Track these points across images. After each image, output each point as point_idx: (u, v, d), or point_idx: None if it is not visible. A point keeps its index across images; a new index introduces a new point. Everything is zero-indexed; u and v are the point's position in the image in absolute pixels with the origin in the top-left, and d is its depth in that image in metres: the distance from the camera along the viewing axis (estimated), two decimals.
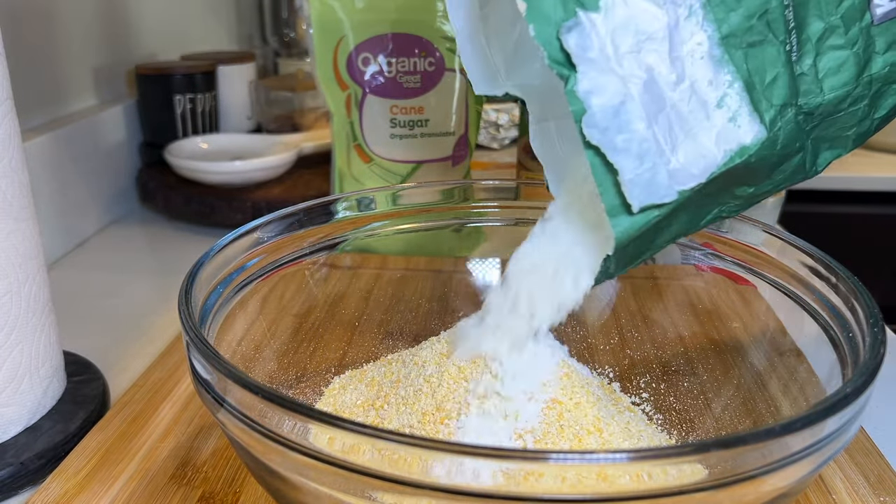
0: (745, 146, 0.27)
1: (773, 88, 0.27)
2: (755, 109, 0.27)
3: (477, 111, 0.64)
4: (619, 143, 0.25)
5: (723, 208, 0.30)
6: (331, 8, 0.57)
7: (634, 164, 0.25)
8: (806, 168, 0.29)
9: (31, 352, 0.38)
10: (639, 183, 0.25)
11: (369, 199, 0.42)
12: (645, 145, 0.25)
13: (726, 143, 0.26)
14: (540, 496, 0.21)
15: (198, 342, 0.26)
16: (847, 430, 0.24)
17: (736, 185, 0.29)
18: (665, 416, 0.38)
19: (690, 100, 0.26)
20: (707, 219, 0.30)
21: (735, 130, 0.26)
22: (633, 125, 0.25)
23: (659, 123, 0.25)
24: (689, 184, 0.26)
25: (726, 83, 0.26)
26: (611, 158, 0.24)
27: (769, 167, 0.28)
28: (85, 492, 0.34)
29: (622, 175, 0.25)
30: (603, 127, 0.24)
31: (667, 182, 0.25)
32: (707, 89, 0.26)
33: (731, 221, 0.38)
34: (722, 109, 0.26)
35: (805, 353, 0.33)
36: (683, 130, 0.26)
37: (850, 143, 0.30)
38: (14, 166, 0.37)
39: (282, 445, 0.23)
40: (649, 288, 0.43)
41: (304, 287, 0.41)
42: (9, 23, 0.63)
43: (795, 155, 0.29)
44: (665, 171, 0.25)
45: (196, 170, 0.74)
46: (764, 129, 0.27)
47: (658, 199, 0.25)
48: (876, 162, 1.20)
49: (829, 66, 0.28)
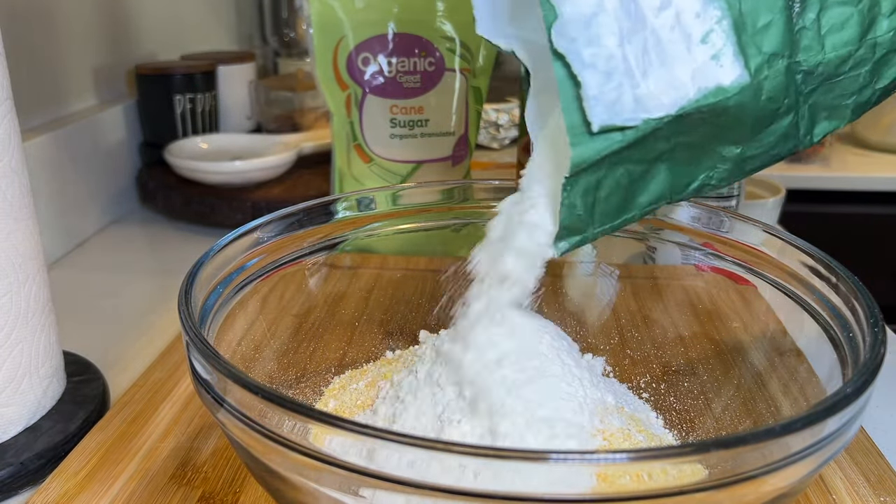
0: (723, 87, 0.25)
1: (764, 34, 0.26)
2: (741, 52, 0.26)
3: (477, 111, 0.64)
4: (587, 56, 0.24)
5: (710, 174, 0.28)
6: (331, 8, 0.57)
7: (600, 81, 0.24)
8: (800, 134, 0.28)
9: (31, 352, 0.38)
10: (602, 101, 0.24)
11: (369, 199, 0.42)
12: (613, 63, 0.24)
13: (703, 80, 0.25)
14: (540, 496, 0.21)
15: (198, 342, 0.26)
16: (847, 431, 0.24)
17: (719, 142, 0.28)
18: (665, 416, 0.38)
19: (673, 29, 0.25)
20: (694, 185, 0.28)
21: (715, 69, 0.25)
22: (603, 40, 0.24)
23: (633, 44, 0.24)
24: (655, 112, 0.25)
25: (714, 18, 0.25)
26: (576, 70, 0.24)
27: (753, 121, 0.27)
28: (85, 492, 0.34)
29: (585, 90, 0.24)
30: (572, 36, 0.23)
31: (632, 105, 0.24)
32: (693, 21, 0.25)
33: (731, 221, 0.38)
34: (705, 45, 0.25)
35: (805, 353, 0.33)
36: (659, 57, 0.25)
37: (848, 114, 0.29)
38: (14, 166, 0.37)
39: (282, 445, 0.23)
40: (649, 288, 0.43)
41: (304, 287, 0.41)
42: (9, 23, 0.63)
43: (786, 115, 0.27)
44: (632, 93, 0.24)
45: (196, 170, 0.74)
46: (747, 75, 0.26)
47: (620, 120, 0.24)
48: (876, 162, 1.20)
49: (833, 22, 0.27)
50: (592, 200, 0.27)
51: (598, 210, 0.27)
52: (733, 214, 0.38)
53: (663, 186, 0.28)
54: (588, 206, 0.27)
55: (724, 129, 0.27)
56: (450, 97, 0.61)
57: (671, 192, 0.28)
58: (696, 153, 0.28)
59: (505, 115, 1.03)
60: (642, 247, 0.42)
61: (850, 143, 1.26)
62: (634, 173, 0.27)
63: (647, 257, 0.43)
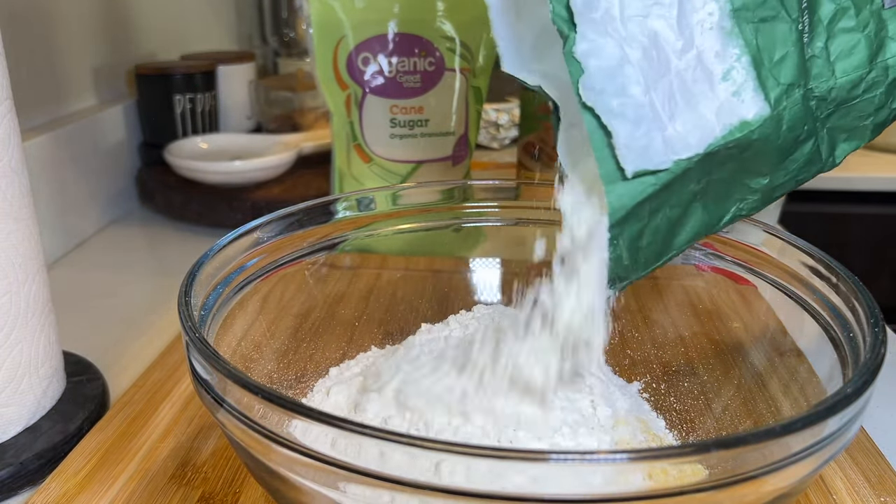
0: (747, 121, 0.26)
1: (781, 67, 0.27)
2: (760, 86, 0.26)
3: (477, 111, 0.64)
4: (615, 106, 0.24)
5: (741, 205, 0.29)
6: (331, 8, 0.57)
7: (630, 129, 0.24)
8: (822, 157, 0.29)
9: (30, 352, 0.38)
10: (633, 148, 0.25)
11: (369, 199, 0.42)
12: (641, 111, 0.25)
13: (727, 117, 0.26)
14: (540, 496, 0.21)
15: (197, 342, 0.26)
16: (848, 431, 0.24)
17: (747, 174, 0.28)
18: (665, 417, 0.38)
19: (696, 69, 0.26)
20: (726, 218, 0.29)
21: (738, 105, 0.26)
22: (629, 89, 0.24)
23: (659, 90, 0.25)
24: (684, 153, 0.25)
25: (734, 56, 0.26)
26: (605, 121, 0.24)
27: (777, 151, 0.28)
28: (85, 492, 0.34)
29: (616, 139, 0.24)
30: (599, 89, 0.24)
31: (662, 149, 0.25)
32: (713, 61, 0.26)
33: None
34: (727, 83, 0.26)
35: (805, 354, 0.33)
36: (684, 99, 0.25)
37: (868, 134, 0.29)
38: (14, 166, 0.37)
39: (282, 445, 0.23)
40: (649, 288, 0.43)
41: (304, 287, 0.41)
42: (9, 23, 0.63)
43: (806, 141, 0.28)
44: (661, 137, 0.25)
45: (196, 170, 0.74)
46: (767, 107, 0.26)
47: (653, 165, 0.25)
48: (876, 162, 1.20)
49: (841, 48, 0.27)
50: (636, 250, 0.28)
51: (642, 258, 0.28)
52: None
53: (699, 225, 0.29)
54: (633, 256, 0.28)
55: (750, 163, 0.28)
56: (450, 97, 0.61)
57: (706, 228, 0.29)
58: (727, 189, 0.28)
59: (505, 115, 1.03)
60: None
61: None
62: (672, 218, 0.27)
63: None
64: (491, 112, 1.02)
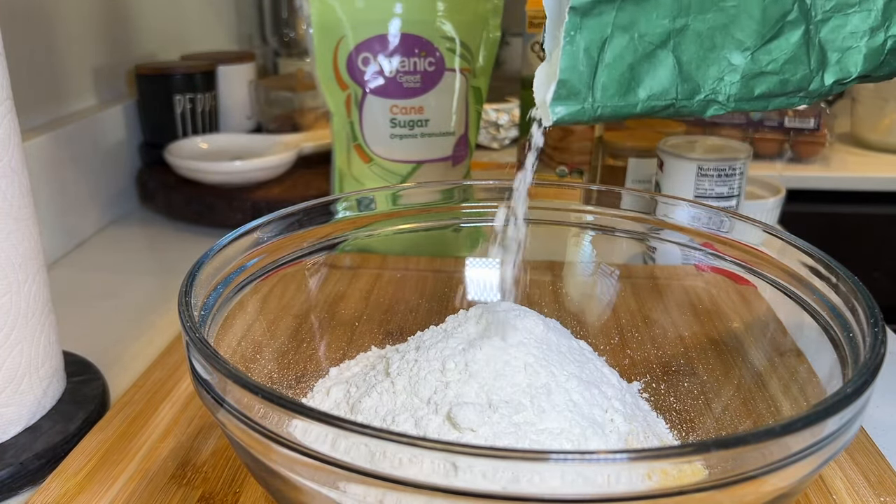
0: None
1: None
2: None
3: (477, 111, 0.64)
4: None
5: (719, 85, 0.28)
6: (331, 8, 0.57)
7: None
8: (810, 65, 0.28)
9: (31, 352, 0.38)
10: None
11: (369, 199, 0.42)
12: None
13: None
14: (540, 496, 0.21)
15: (198, 342, 0.26)
16: (847, 431, 0.24)
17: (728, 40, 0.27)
18: (665, 417, 0.38)
19: None
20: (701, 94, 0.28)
21: None
22: None
23: None
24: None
25: None
26: None
27: (762, 15, 0.27)
28: (85, 492, 0.34)
29: None
30: None
31: None
32: None
33: (731, 221, 0.38)
34: None
35: (805, 353, 0.33)
36: None
37: (860, 61, 0.29)
38: (14, 166, 0.37)
39: (282, 445, 0.23)
40: (649, 288, 0.43)
41: (304, 287, 0.41)
42: (9, 23, 0.63)
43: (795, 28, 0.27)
44: None
45: (196, 170, 0.74)
46: None
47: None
48: (876, 162, 1.19)
49: None
50: (595, 62, 0.26)
51: (601, 77, 0.27)
52: (733, 214, 0.38)
53: (669, 80, 0.27)
54: (591, 64, 0.26)
55: (732, 22, 0.27)
56: (450, 97, 0.61)
57: (677, 90, 0.28)
58: (705, 52, 0.27)
59: (505, 115, 1.03)
60: (642, 247, 0.42)
61: (850, 143, 1.26)
62: (639, 51, 0.26)
63: (647, 257, 0.43)
64: (491, 112, 1.02)
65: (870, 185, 1.16)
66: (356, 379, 0.36)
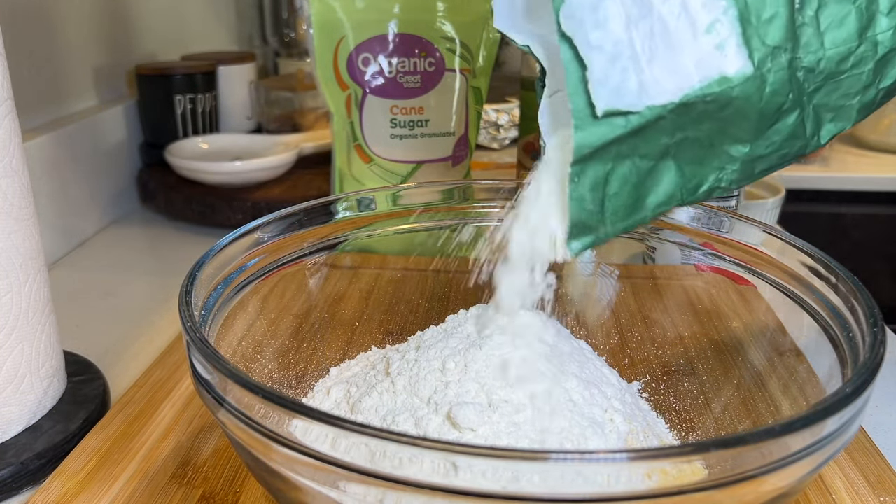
0: (727, 77, 0.25)
1: (768, 27, 0.26)
2: (745, 43, 0.26)
3: (477, 111, 0.65)
4: (593, 38, 0.24)
5: (720, 175, 0.28)
6: (331, 8, 0.57)
7: (605, 64, 0.24)
8: (807, 134, 0.28)
9: (31, 352, 0.38)
10: (607, 84, 0.24)
11: (369, 199, 0.42)
12: (619, 48, 0.24)
13: (707, 69, 0.25)
14: (540, 496, 0.21)
15: (198, 342, 0.26)
16: (847, 430, 0.24)
17: (727, 139, 0.28)
18: (665, 417, 0.38)
19: (679, 17, 0.25)
20: (704, 186, 0.28)
21: (720, 58, 0.25)
22: (610, 23, 0.24)
23: (639, 30, 0.25)
24: (659, 99, 0.25)
25: (721, 9, 0.25)
26: (582, 53, 0.24)
27: (758, 116, 0.27)
28: (85, 492, 0.34)
29: (591, 72, 0.24)
30: (579, 18, 0.24)
31: (636, 91, 0.25)
32: (699, 10, 0.25)
33: (731, 221, 0.38)
34: (710, 35, 0.25)
35: (805, 353, 0.33)
36: (664, 44, 0.25)
37: (854, 114, 0.29)
38: (14, 166, 0.37)
39: (282, 445, 0.23)
40: (649, 288, 0.43)
41: (304, 287, 0.41)
42: (9, 23, 0.63)
43: (791, 112, 0.28)
44: (636, 79, 0.25)
45: (196, 170, 0.74)
46: (751, 66, 0.26)
47: (624, 105, 0.24)
48: (876, 162, 1.20)
49: (831, 19, 0.27)
50: (602, 196, 0.27)
51: (609, 207, 0.27)
52: (733, 214, 0.38)
53: (673, 186, 0.28)
54: (598, 201, 0.27)
55: (729, 125, 0.27)
56: (450, 97, 0.61)
57: (682, 192, 0.28)
58: (704, 152, 0.28)
59: (505, 115, 1.03)
60: (642, 247, 0.42)
61: (850, 144, 1.26)
62: (642, 169, 0.27)
63: (647, 257, 0.43)
64: (491, 112, 1.03)
65: (870, 185, 1.16)
66: (356, 379, 0.36)
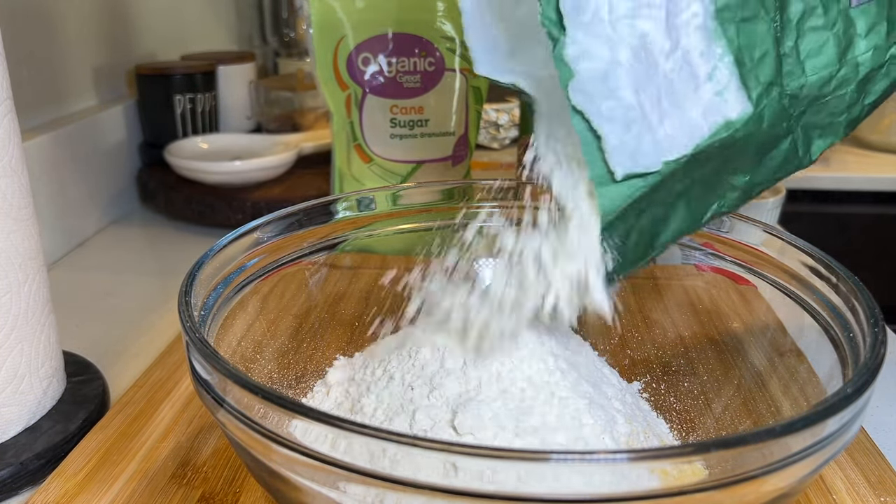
0: (731, 121, 0.26)
1: (761, 65, 0.27)
2: (743, 85, 0.26)
3: (477, 111, 0.64)
4: (605, 109, 0.24)
5: (722, 202, 0.29)
6: (331, 8, 0.57)
7: (620, 132, 0.25)
8: (799, 155, 0.29)
9: (31, 352, 0.38)
10: (623, 150, 0.25)
11: (369, 199, 0.42)
12: (631, 114, 0.25)
13: (713, 117, 0.26)
14: (540, 496, 0.21)
15: (198, 342, 0.26)
16: (847, 431, 0.24)
17: (729, 172, 0.28)
18: (665, 417, 0.38)
19: (682, 70, 0.26)
20: (708, 215, 0.29)
21: (722, 104, 0.26)
22: (619, 92, 0.25)
23: (648, 92, 0.25)
24: (673, 154, 0.26)
25: (717, 56, 0.26)
26: (595, 125, 0.24)
27: (757, 149, 0.28)
28: (85, 492, 0.34)
29: (606, 142, 0.24)
30: (589, 92, 0.24)
31: (652, 151, 0.25)
32: (699, 61, 0.26)
33: (731, 221, 0.38)
34: (711, 83, 0.26)
35: (805, 353, 0.33)
36: (671, 101, 0.26)
37: (841, 130, 0.30)
38: (14, 166, 0.37)
39: (282, 445, 0.23)
40: (649, 288, 0.43)
41: (304, 287, 0.41)
42: (9, 23, 0.63)
43: (784, 138, 0.28)
44: (650, 139, 0.25)
45: (196, 170, 0.74)
46: (750, 105, 0.27)
47: (642, 167, 0.25)
48: (876, 162, 1.19)
49: (810, 47, 0.28)
50: (624, 249, 0.28)
51: (629, 256, 0.29)
52: (733, 214, 0.38)
53: (682, 223, 0.29)
54: (621, 255, 0.28)
55: (731, 160, 0.28)
56: (450, 97, 0.61)
57: (689, 225, 0.29)
58: (709, 187, 0.29)
59: (505, 115, 1.03)
60: None
61: (850, 143, 1.26)
62: (657, 217, 0.27)
63: None
64: (491, 112, 1.02)
65: (870, 185, 1.16)
66: (356, 379, 0.36)
